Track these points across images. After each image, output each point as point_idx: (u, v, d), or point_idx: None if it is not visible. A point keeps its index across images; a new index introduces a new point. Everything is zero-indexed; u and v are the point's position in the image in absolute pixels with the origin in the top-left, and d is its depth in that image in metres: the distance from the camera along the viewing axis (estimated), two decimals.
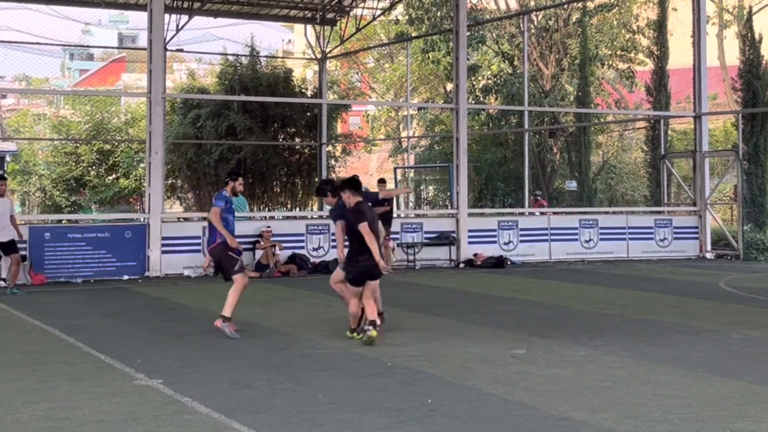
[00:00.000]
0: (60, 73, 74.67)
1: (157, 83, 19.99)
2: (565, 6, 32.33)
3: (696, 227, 25.08)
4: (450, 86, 33.40)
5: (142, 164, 33.88)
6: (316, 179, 31.88)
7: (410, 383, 8.39)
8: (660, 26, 31.06)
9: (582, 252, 23.81)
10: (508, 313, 13.39)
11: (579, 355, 9.77)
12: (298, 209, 32.61)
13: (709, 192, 25.41)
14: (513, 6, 34.92)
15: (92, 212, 35.17)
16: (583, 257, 23.67)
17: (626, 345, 10.39)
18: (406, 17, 35.92)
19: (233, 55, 34.02)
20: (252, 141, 30.90)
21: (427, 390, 8.08)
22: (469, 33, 30.69)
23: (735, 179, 25.67)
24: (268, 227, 20.46)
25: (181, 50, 34.16)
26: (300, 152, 33.14)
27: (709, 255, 24.74)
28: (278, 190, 33.05)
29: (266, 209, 31.78)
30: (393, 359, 9.58)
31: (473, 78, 33.39)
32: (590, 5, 33.14)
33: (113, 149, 38.39)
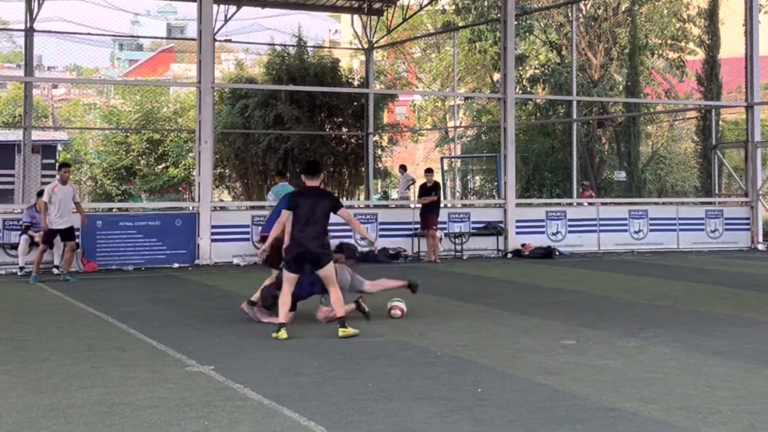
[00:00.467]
0: (110, 64, 75.50)
1: (207, 73, 20.14)
2: None
3: (747, 218, 24.77)
4: (497, 76, 33.24)
5: (191, 153, 34.21)
6: (363, 169, 31.97)
7: (460, 372, 8.40)
8: (711, 15, 30.67)
9: (631, 243, 23.62)
10: (557, 304, 13.33)
11: (630, 346, 9.71)
12: (346, 198, 32.69)
13: (761, 182, 25.07)
14: None
15: (142, 201, 35.53)
16: (633, 248, 23.48)
17: (677, 336, 10.30)
18: (453, 7, 35.82)
19: (281, 45, 34.15)
20: (299, 131, 31.01)
21: (477, 379, 8.08)
22: (517, 22, 30.53)
23: None
24: None
25: (230, 40, 34.35)
26: (347, 142, 33.21)
27: (761, 246, 24.43)
28: (325, 180, 33.16)
29: None
30: (442, 348, 9.59)
31: (521, 68, 33.21)
32: None
33: (163, 139, 38.76)
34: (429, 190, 21.04)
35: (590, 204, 25.42)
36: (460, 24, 34.75)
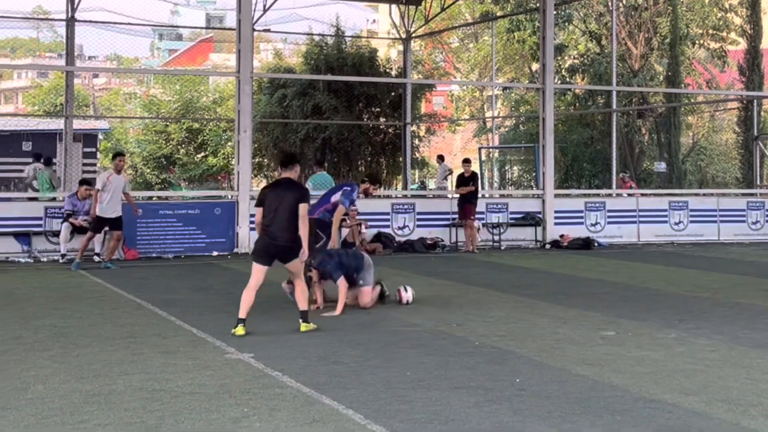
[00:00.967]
0: (150, 53, 76.06)
1: (246, 63, 20.21)
2: None
3: None
4: (535, 66, 33.09)
5: (230, 143, 34.41)
6: (401, 159, 31.95)
7: (498, 362, 8.39)
8: (753, 4, 30.32)
9: (671, 234, 23.43)
10: (596, 295, 13.26)
11: (669, 338, 9.64)
12: (383, 188, 32.72)
13: None
14: None
15: (182, 189, 35.78)
16: (673, 239, 23.29)
17: (718, 328, 10.22)
18: None
19: (319, 35, 34.19)
20: (337, 120, 31.06)
21: (515, 369, 8.07)
22: (556, 12, 30.33)
23: None
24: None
25: (268, 30, 34.42)
26: (384, 132, 33.20)
27: None
28: (363, 170, 33.17)
29: None
30: (480, 338, 9.59)
31: (560, 57, 33.03)
32: None
33: (202, 128, 39.02)
34: (467, 180, 21.00)
35: (630, 195, 25.24)
36: (499, 13, 34.60)
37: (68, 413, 6.60)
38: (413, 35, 32.76)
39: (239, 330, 9.76)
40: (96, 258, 17.65)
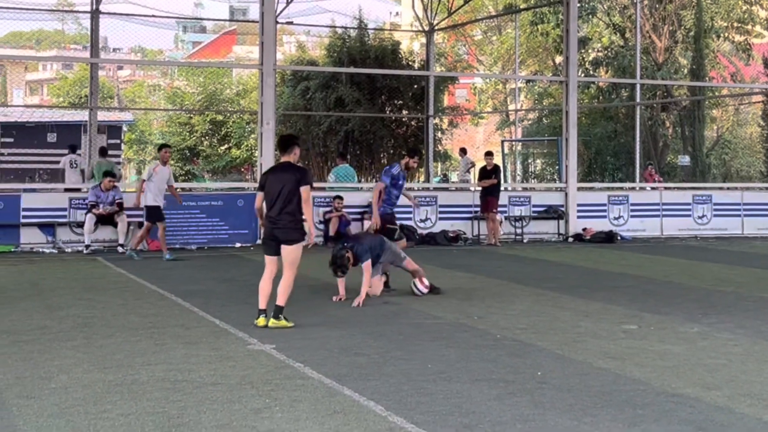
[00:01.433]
0: (173, 45, 76.30)
1: (269, 55, 20.23)
2: None
3: None
4: (559, 59, 32.95)
5: (253, 135, 34.51)
6: (423, 151, 31.91)
7: (519, 355, 8.38)
8: None
9: (695, 228, 23.31)
10: (619, 288, 13.22)
11: (692, 332, 9.60)
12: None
13: None
14: None
15: (205, 181, 35.95)
16: (696, 233, 23.17)
17: (741, 323, 10.16)
18: None
19: (341, 28, 34.18)
20: (360, 113, 31.06)
21: (537, 363, 8.06)
22: (580, 4, 30.17)
23: None
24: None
25: (291, 23, 34.43)
26: (407, 125, 33.18)
27: None
28: (385, 162, 33.16)
29: (374, 181, 31.92)
30: (502, 331, 9.58)
31: (583, 50, 32.87)
32: None
33: (225, 120, 39.14)
34: (489, 173, 20.97)
35: (653, 189, 25.11)
36: (522, 6, 34.44)
37: (91, 403, 6.65)
38: (436, 27, 32.67)
39: (260, 321, 9.80)
40: (120, 249, 17.78)
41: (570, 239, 21.77)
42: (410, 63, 34.16)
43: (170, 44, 72.25)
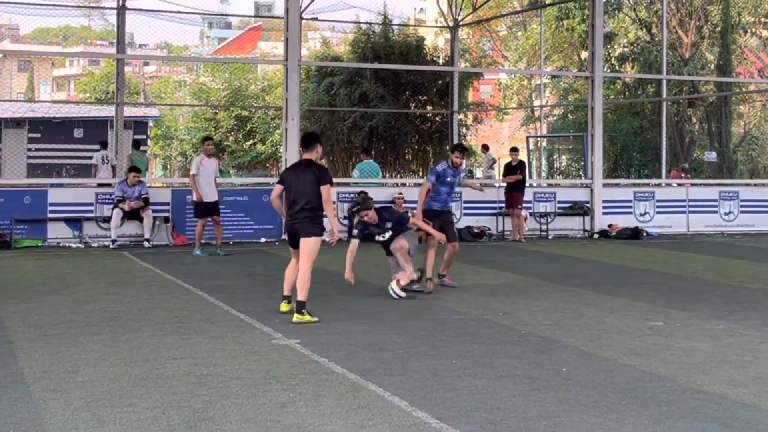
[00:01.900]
0: (199, 41, 76.65)
1: (294, 51, 20.27)
2: None
3: None
4: (584, 54, 32.81)
5: (278, 130, 34.58)
6: (447, 147, 31.88)
7: (544, 352, 8.36)
8: None
9: (721, 225, 23.14)
10: (645, 285, 13.15)
11: (718, 329, 9.54)
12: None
13: None
14: None
15: (230, 176, 36.09)
16: (723, 230, 23.01)
17: None
18: None
19: (366, 24, 34.16)
20: (384, 109, 31.05)
21: (562, 359, 8.04)
22: (606, 0, 30.04)
23: None
24: (400, 194, 20.60)
25: (316, 19, 34.45)
26: (431, 120, 33.12)
27: None
28: (409, 158, 33.18)
29: (398, 176, 31.96)
30: (527, 327, 9.56)
31: (609, 46, 32.74)
32: None
33: (250, 116, 39.26)
34: (514, 169, 20.92)
35: (679, 185, 24.96)
36: (547, 1, 34.31)
37: (117, 396, 6.70)
38: (461, 23, 32.59)
39: (283, 306, 10.07)
40: (146, 244, 17.89)
41: (595, 236, 21.68)
42: (435, 59, 34.11)
43: (196, 40, 72.62)
